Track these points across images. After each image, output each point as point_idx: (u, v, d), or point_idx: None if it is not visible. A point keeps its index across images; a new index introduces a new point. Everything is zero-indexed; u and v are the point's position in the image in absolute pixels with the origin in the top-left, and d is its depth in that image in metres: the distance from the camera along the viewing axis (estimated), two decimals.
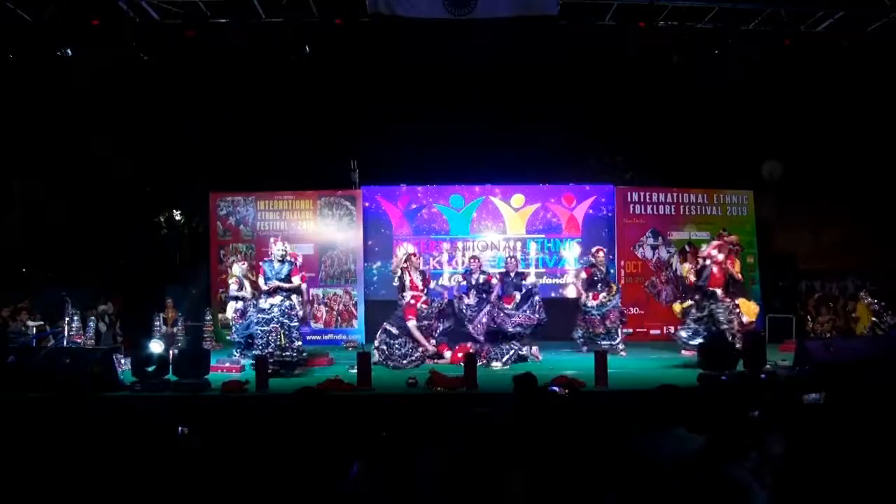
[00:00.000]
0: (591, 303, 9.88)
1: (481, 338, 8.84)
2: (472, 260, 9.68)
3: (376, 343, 8.89)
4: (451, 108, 11.56)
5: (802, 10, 9.42)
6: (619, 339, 9.79)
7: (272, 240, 8.72)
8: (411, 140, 11.78)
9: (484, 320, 8.85)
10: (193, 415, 5.19)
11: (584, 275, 10.21)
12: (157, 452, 3.42)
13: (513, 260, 9.87)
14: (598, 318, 9.79)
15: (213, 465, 3.25)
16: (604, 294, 9.89)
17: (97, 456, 3.32)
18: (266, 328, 7.95)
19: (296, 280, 8.42)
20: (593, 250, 10.32)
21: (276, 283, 8.16)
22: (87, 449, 3.42)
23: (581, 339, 9.96)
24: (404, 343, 8.78)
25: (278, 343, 7.88)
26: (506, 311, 8.97)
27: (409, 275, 9.04)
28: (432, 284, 9.88)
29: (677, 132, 12.11)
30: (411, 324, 8.79)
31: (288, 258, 8.39)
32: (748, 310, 9.44)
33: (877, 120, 11.25)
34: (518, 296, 9.21)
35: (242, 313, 8.76)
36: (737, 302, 9.13)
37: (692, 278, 9.18)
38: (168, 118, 11.82)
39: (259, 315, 8.07)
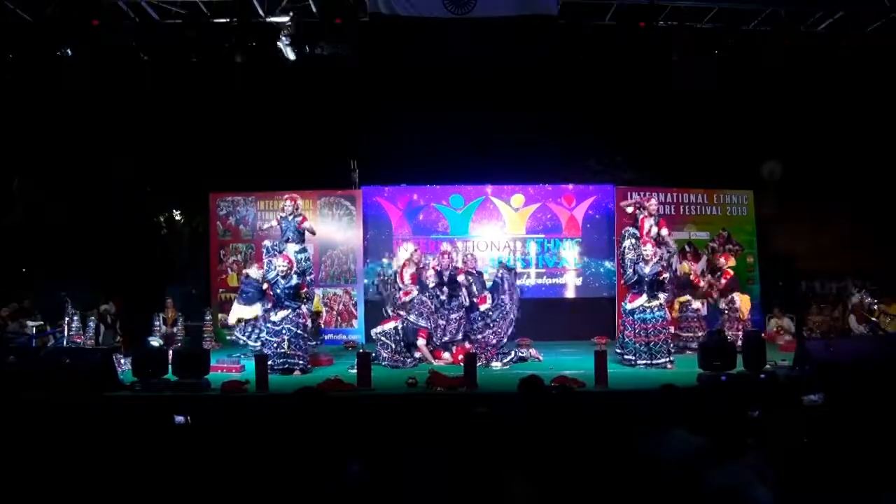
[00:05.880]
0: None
1: (450, 333, 8.93)
2: (443, 255, 9.35)
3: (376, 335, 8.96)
4: (451, 108, 11.54)
5: (802, 10, 9.42)
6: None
7: (279, 257, 8.62)
8: (411, 140, 11.77)
9: (454, 328, 8.92)
10: (193, 415, 5.20)
11: None
12: (156, 452, 3.42)
13: (471, 258, 9.55)
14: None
15: (212, 465, 3.25)
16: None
17: (97, 456, 3.32)
18: (275, 339, 8.26)
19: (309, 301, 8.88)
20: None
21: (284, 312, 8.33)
22: (87, 449, 3.42)
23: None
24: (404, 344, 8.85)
25: (282, 352, 8.16)
26: (483, 315, 8.85)
27: (404, 270, 9.16)
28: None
29: (677, 132, 12.09)
30: (421, 342, 8.85)
31: (293, 271, 8.44)
32: (744, 303, 9.52)
33: (877, 120, 11.24)
34: (488, 294, 8.95)
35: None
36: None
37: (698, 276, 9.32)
38: (168, 118, 11.81)
39: (269, 325, 8.45)
